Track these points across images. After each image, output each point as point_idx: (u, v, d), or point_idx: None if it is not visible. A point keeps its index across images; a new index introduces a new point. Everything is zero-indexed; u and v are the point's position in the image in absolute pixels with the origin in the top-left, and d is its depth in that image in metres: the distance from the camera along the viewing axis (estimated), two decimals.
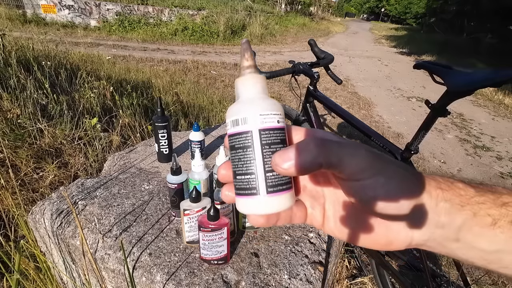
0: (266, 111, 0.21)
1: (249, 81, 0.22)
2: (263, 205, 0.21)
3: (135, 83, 3.28)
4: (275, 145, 0.21)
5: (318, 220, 0.25)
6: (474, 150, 3.31)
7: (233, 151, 0.22)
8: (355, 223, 0.23)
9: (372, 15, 47.68)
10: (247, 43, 0.23)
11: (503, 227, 0.19)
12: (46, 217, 0.75)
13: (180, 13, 9.78)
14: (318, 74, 1.32)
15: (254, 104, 0.22)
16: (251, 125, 0.21)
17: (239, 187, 0.22)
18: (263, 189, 0.21)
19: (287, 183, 0.21)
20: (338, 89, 5.00)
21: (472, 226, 0.19)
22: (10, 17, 7.15)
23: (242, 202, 0.22)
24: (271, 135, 0.21)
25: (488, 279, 1.55)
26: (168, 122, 0.94)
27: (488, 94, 5.81)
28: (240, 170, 0.22)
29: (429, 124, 0.99)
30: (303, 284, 0.62)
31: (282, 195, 0.21)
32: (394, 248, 0.22)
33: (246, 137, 0.21)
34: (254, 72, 0.23)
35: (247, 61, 0.23)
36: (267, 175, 0.21)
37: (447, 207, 0.20)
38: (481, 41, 12.01)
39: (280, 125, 0.22)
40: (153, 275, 0.60)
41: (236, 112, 0.22)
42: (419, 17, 31.45)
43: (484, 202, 0.20)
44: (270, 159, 0.21)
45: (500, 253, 0.19)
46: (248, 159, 0.21)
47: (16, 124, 1.60)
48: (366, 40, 14.34)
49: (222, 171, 0.24)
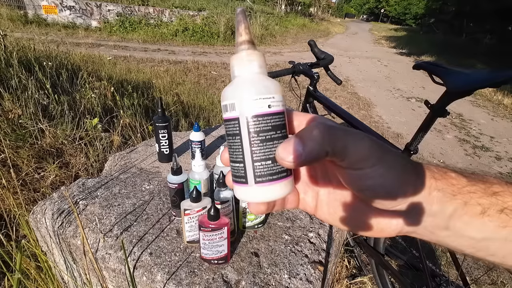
0: (256, 96, 0.19)
1: (243, 59, 0.20)
2: (253, 195, 0.20)
3: (136, 83, 3.29)
4: (264, 132, 0.19)
5: (311, 206, 0.25)
6: (473, 150, 3.32)
7: (227, 137, 0.21)
8: (348, 209, 0.23)
9: (371, 16, 47.71)
10: (242, 13, 0.20)
11: (491, 215, 0.19)
12: (47, 216, 0.76)
13: (181, 14, 9.79)
14: (318, 75, 1.33)
15: (243, 88, 0.20)
16: (238, 111, 0.20)
17: (234, 174, 0.21)
18: (251, 179, 0.20)
19: (279, 173, 0.20)
20: (338, 90, 5.01)
21: (462, 215, 0.20)
22: (12, 17, 7.17)
23: (236, 188, 0.22)
24: (260, 122, 0.19)
25: (487, 278, 1.55)
26: (168, 122, 0.94)
27: (487, 94, 5.81)
28: (232, 157, 0.21)
29: (428, 125, 0.99)
30: (303, 283, 0.62)
31: (273, 185, 0.20)
32: (385, 235, 0.22)
33: (234, 125, 0.20)
34: (249, 49, 0.20)
35: (241, 36, 0.20)
36: (255, 165, 0.20)
37: (439, 196, 0.20)
38: (480, 42, 12.01)
39: (273, 109, 0.20)
40: (153, 275, 0.61)
41: (226, 96, 0.20)
42: (419, 18, 31.49)
43: (475, 191, 0.20)
44: (259, 147, 0.19)
45: (487, 240, 0.20)
46: (237, 147, 0.20)
47: (17, 124, 1.61)
48: (366, 41, 14.35)
49: (225, 154, 0.23)
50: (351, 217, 0.23)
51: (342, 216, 0.23)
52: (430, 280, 0.96)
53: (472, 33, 13.19)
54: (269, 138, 0.20)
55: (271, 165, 0.20)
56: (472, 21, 13.54)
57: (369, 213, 0.22)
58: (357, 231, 0.23)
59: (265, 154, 0.20)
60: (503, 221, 0.19)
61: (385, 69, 7.55)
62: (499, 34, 12.12)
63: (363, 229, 0.23)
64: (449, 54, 10.52)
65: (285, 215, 0.82)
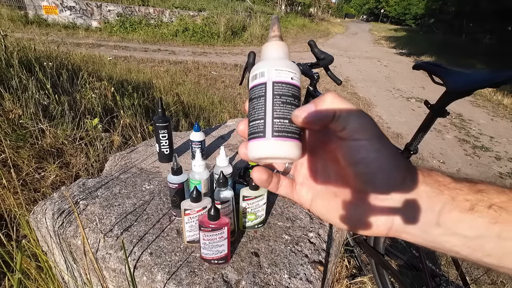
0: (282, 67, 0.23)
1: (272, 45, 0.25)
2: (268, 148, 0.22)
3: (136, 83, 3.29)
4: (286, 96, 0.23)
5: (306, 198, 0.26)
6: (473, 150, 3.32)
7: (250, 102, 0.24)
8: (343, 202, 0.23)
9: (371, 16, 47.71)
10: (276, 19, 0.26)
11: (481, 211, 0.19)
12: (48, 216, 0.76)
13: (181, 14, 9.80)
14: (318, 75, 1.33)
15: (273, 61, 0.24)
16: (266, 77, 0.23)
17: (250, 132, 0.24)
18: (269, 132, 0.22)
19: (293, 133, 0.23)
20: (338, 90, 5.01)
21: (451, 210, 0.20)
22: (12, 18, 7.17)
23: (251, 145, 0.23)
24: (283, 88, 0.23)
25: (487, 278, 1.55)
26: (169, 122, 0.94)
27: (487, 94, 5.82)
28: (253, 116, 0.23)
29: (428, 125, 0.99)
30: (303, 283, 0.62)
31: (287, 141, 0.22)
32: (375, 232, 0.22)
33: (261, 88, 0.23)
34: (279, 40, 0.25)
35: (273, 32, 0.25)
36: (275, 121, 0.22)
37: (427, 191, 0.20)
38: (480, 42, 12.02)
39: (294, 82, 0.23)
40: (154, 275, 0.61)
41: (257, 68, 0.24)
42: (418, 18, 31.49)
43: (461, 188, 0.21)
44: (279, 107, 0.22)
45: (481, 239, 0.20)
46: (260, 106, 0.23)
47: (18, 125, 1.61)
48: (366, 41, 14.35)
49: (241, 126, 0.25)
50: (343, 209, 0.23)
51: (336, 209, 0.24)
52: (430, 280, 0.96)
53: (472, 33, 13.19)
54: (288, 102, 0.23)
55: (288, 124, 0.22)
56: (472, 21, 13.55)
57: (361, 205, 0.22)
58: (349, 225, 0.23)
59: (284, 114, 0.22)
60: (493, 217, 0.19)
61: (385, 69, 7.55)
62: (499, 34, 12.12)
63: (354, 222, 0.23)
64: (449, 54, 10.53)
65: (285, 215, 0.82)
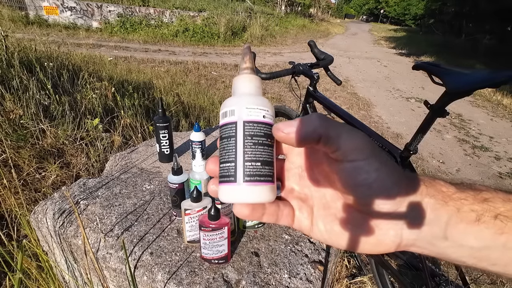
0: (253, 105, 0.22)
1: (244, 79, 0.24)
2: (239, 193, 0.21)
3: (137, 84, 3.30)
4: (257, 137, 0.22)
5: (306, 224, 0.24)
6: (472, 150, 3.32)
7: (221, 141, 0.23)
8: (344, 222, 0.22)
9: (371, 17, 47.74)
10: (248, 48, 0.25)
11: (487, 222, 0.19)
12: (48, 216, 0.76)
13: (181, 14, 9.81)
14: (318, 75, 1.33)
15: (243, 99, 0.23)
16: (237, 116, 0.22)
17: (221, 175, 0.22)
18: (240, 177, 0.21)
19: (266, 176, 0.21)
20: (338, 90, 5.01)
21: (457, 223, 0.19)
22: (13, 18, 7.17)
23: (222, 189, 0.22)
24: (255, 127, 0.22)
25: (486, 278, 1.55)
26: (169, 122, 0.95)
27: (486, 94, 5.82)
28: (223, 158, 0.22)
29: (428, 125, 0.99)
30: (303, 283, 0.62)
31: (260, 186, 0.21)
32: (384, 249, 0.21)
33: (231, 128, 0.22)
34: (251, 73, 0.24)
35: (245, 63, 0.24)
36: (246, 164, 0.21)
37: (431, 203, 0.20)
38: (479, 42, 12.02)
39: (266, 120, 0.22)
40: (154, 274, 0.61)
41: (227, 105, 0.23)
42: (418, 18, 31.49)
43: (466, 198, 0.20)
44: (251, 149, 0.21)
45: (487, 249, 0.19)
46: (231, 147, 0.22)
47: (18, 125, 1.61)
48: (366, 41, 14.36)
49: (210, 165, 0.24)
50: (348, 231, 0.22)
51: (338, 231, 0.22)
52: (430, 279, 0.96)
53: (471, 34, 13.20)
54: (260, 143, 0.22)
55: (260, 167, 0.21)
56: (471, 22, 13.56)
57: (366, 225, 0.21)
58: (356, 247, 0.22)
59: (256, 156, 0.21)
60: (499, 228, 0.19)
61: (385, 69, 7.55)
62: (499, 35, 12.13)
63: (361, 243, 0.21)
64: (449, 54, 10.54)
65: None
